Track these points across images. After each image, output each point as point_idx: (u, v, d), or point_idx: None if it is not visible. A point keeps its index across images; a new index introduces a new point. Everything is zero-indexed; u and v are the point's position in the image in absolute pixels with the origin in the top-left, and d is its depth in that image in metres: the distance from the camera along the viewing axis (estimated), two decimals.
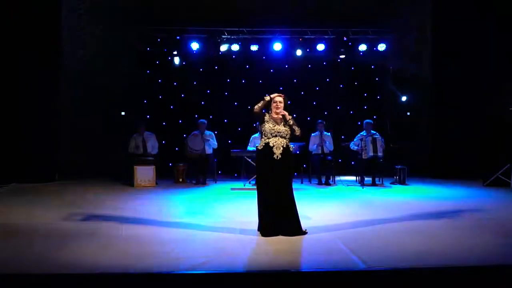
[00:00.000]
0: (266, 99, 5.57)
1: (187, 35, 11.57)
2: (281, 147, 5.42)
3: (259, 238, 5.27)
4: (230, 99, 11.98)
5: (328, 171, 10.31)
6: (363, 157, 9.91)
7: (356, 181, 10.43)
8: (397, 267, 4.20)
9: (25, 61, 9.91)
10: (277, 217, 5.35)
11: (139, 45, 11.60)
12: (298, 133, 5.53)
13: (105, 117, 11.42)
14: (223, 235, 5.46)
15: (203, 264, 4.32)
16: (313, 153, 10.48)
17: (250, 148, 10.01)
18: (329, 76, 12.22)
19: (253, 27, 11.49)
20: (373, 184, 9.99)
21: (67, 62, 11.02)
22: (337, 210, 7.17)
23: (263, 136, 5.53)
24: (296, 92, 11.89)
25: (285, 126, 5.49)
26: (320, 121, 10.55)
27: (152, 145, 10.42)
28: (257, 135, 9.94)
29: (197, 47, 11.56)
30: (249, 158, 9.89)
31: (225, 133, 11.56)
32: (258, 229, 5.43)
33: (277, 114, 5.54)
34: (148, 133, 10.48)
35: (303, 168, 10.75)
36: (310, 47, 11.79)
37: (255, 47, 11.62)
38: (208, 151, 10.36)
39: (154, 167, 9.85)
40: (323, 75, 12.19)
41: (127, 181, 10.00)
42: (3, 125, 9.81)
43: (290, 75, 12.01)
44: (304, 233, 5.39)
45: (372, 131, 10.13)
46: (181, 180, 10.47)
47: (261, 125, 5.56)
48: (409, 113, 12.10)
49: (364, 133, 10.14)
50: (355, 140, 10.15)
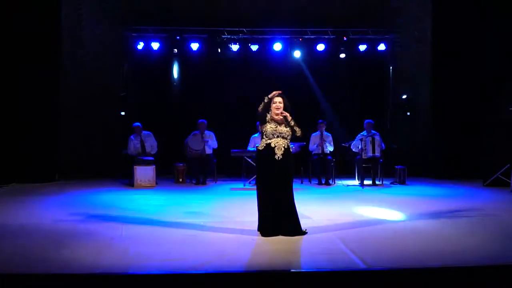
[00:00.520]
0: (266, 100, 5.58)
1: (187, 35, 11.58)
2: (282, 148, 5.42)
3: (259, 238, 5.27)
4: (230, 99, 11.97)
5: (328, 171, 10.31)
6: (362, 157, 9.92)
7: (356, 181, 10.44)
8: (397, 267, 4.20)
9: (25, 61, 9.91)
10: (277, 217, 5.35)
11: (139, 45, 11.61)
12: (299, 133, 5.54)
13: (105, 117, 11.42)
14: (223, 235, 5.46)
15: (203, 264, 4.32)
16: (313, 153, 10.49)
17: (250, 148, 10.01)
18: (329, 76, 12.22)
19: (253, 27, 11.50)
20: (373, 184, 10.00)
21: (67, 62, 11.02)
22: (337, 210, 7.17)
23: (264, 136, 5.52)
24: (296, 92, 11.87)
25: (286, 127, 5.49)
26: (321, 121, 10.55)
27: (151, 144, 10.39)
28: (257, 135, 9.94)
29: (197, 47, 11.56)
30: (249, 158, 9.90)
31: (225, 133, 11.55)
32: (258, 229, 5.43)
33: (277, 114, 5.54)
34: (146, 132, 10.44)
35: (303, 168, 10.74)
36: (310, 47, 11.80)
37: (255, 47, 11.63)
38: (208, 151, 10.36)
39: (154, 167, 9.84)
40: (323, 75, 12.20)
41: (127, 181, 10.00)
42: (3, 125, 9.81)
43: (290, 75, 12.00)
44: (304, 233, 5.39)
45: (373, 131, 10.14)
46: (181, 180, 10.46)
47: (262, 126, 5.56)
48: (409, 113, 12.10)
49: (365, 133, 10.15)
50: (355, 140, 10.15)
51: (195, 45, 11.58)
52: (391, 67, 12.26)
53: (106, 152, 11.23)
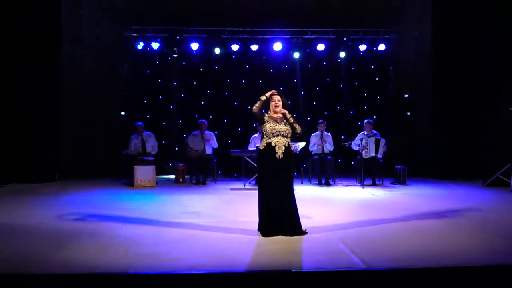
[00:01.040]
0: (263, 98, 5.57)
1: (187, 35, 11.58)
2: (283, 147, 5.41)
3: (259, 238, 5.26)
4: (230, 99, 11.98)
5: (328, 171, 10.30)
6: (363, 156, 9.91)
7: (356, 181, 10.43)
8: (397, 267, 4.19)
9: (25, 61, 9.91)
10: (277, 217, 5.34)
11: (139, 45, 11.61)
12: (299, 131, 5.52)
13: (105, 117, 11.42)
14: (223, 235, 5.45)
15: (203, 264, 4.32)
16: (313, 153, 10.48)
17: (250, 148, 10.01)
18: (329, 76, 12.23)
19: (253, 27, 11.50)
20: (373, 184, 9.99)
21: (67, 62, 11.02)
22: (337, 210, 7.17)
23: (264, 136, 5.51)
24: (296, 92, 11.90)
25: (285, 125, 5.48)
26: (321, 121, 10.55)
27: (152, 145, 10.41)
28: (257, 135, 9.95)
29: (197, 47, 11.56)
30: (249, 158, 9.90)
31: (225, 133, 11.56)
32: (258, 229, 5.43)
33: (276, 113, 5.54)
34: (147, 133, 10.46)
35: (303, 168, 10.74)
36: (310, 47, 11.80)
37: (255, 47, 11.63)
38: (208, 151, 10.36)
39: (154, 167, 9.84)
40: (323, 75, 12.20)
41: (127, 181, 10.00)
42: (3, 125, 9.81)
43: (290, 75, 12.02)
44: (304, 233, 5.39)
45: (374, 131, 10.14)
46: (181, 180, 10.47)
47: (261, 126, 5.56)
48: (409, 113, 12.10)
49: (366, 132, 10.14)
50: (355, 140, 10.15)
51: (195, 45, 11.58)
52: (391, 67, 12.26)
53: (106, 152, 11.24)
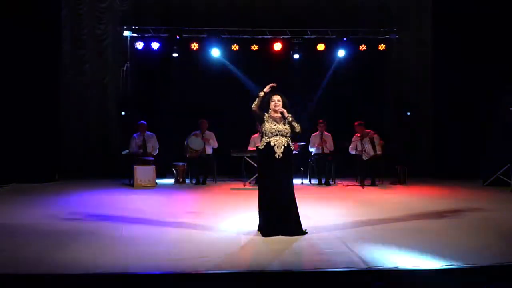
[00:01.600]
0: (261, 94, 5.55)
1: (187, 35, 11.56)
2: (282, 146, 5.40)
3: (259, 238, 5.27)
4: (230, 99, 11.96)
5: (328, 171, 10.30)
6: (363, 157, 9.92)
7: (356, 181, 10.42)
8: (397, 267, 4.19)
9: (25, 61, 9.90)
10: (277, 217, 5.34)
11: (139, 45, 11.59)
12: (298, 129, 5.49)
13: (105, 117, 11.41)
14: (223, 235, 5.46)
15: (203, 264, 4.32)
16: (313, 153, 10.48)
17: (250, 148, 10.01)
18: (329, 76, 12.21)
19: (253, 27, 11.48)
20: (373, 184, 9.99)
21: (67, 62, 11.01)
22: (337, 210, 7.17)
23: (263, 135, 5.50)
24: (296, 92, 11.87)
25: (285, 125, 5.46)
26: (321, 121, 10.54)
27: (153, 145, 10.41)
28: (257, 135, 9.94)
29: (197, 47, 11.55)
30: (249, 158, 9.89)
31: (225, 133, 11.54)
32: (258, 229, 5.43)
33: (276, 112, 5.52)
34: (149, 133, 10.47)
35: (303, 168, 10.73)
36: (310, 47, 11.78)
37: (255, 47, 11.61)
38: (208, 151, 10.36)
39: (154, 167, 9.84)
40: (323, 75, 12.19)
41: (127, 181, 10.00)
42: (3, 125, 9.81)
43: (290, 75, 11.99)
44: (304, 233, 5.39)
45: (367, 131, 10.12)
46: (181, 180, 10.46)
47: (261, 125, 5.55)
48: (409, 113, 12.09)
49: (358, 134, 10.13)
50: (351, 144, 10.17)
51: (195, 45, 11.57)
52: (391, 67, 12.24)
53: (106, 152, 11.23)
